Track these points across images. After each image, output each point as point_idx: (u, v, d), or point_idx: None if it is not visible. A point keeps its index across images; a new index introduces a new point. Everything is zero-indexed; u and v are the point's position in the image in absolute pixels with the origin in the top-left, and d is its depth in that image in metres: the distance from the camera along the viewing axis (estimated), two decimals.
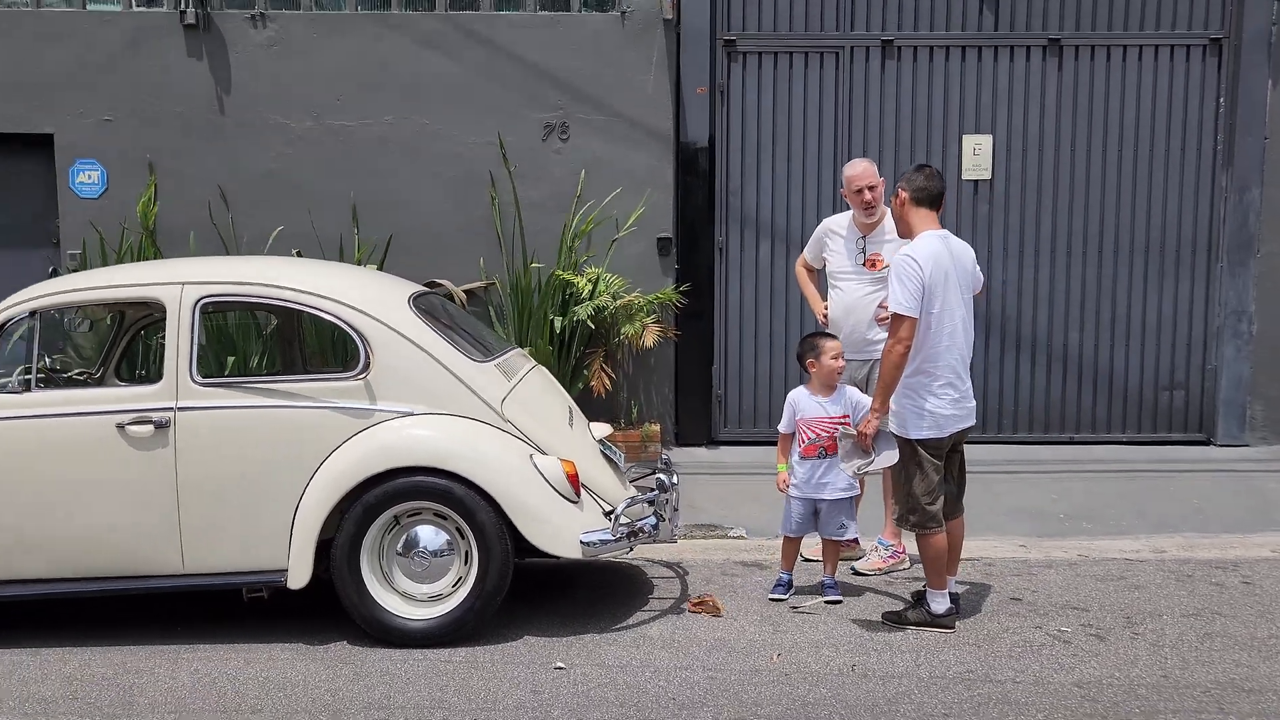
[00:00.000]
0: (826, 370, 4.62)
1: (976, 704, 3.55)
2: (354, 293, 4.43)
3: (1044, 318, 8.01)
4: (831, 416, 4.59)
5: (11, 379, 4.48)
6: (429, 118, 7.71)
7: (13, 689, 3.78)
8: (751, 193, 7.94)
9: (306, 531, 4.15)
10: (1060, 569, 5.13)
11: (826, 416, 4.59)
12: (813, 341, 4.76)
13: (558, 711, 3.53)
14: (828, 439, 4.56)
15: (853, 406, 4.61)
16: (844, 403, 4.64)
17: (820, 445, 4.58)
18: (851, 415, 4.58)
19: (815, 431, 4.60)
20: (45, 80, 7.57)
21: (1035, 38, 7.83)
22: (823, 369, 4.63)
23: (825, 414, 4.60)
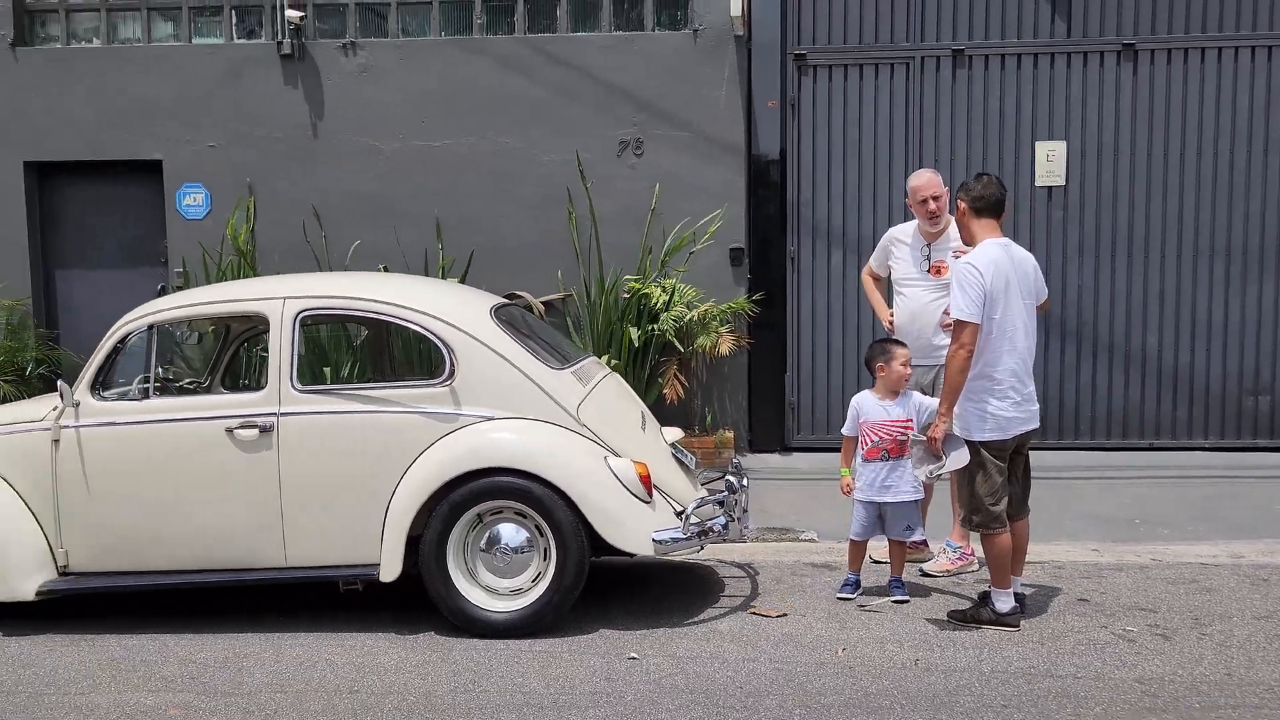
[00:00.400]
0: (895, 376, 4.75)
1: (1036, 697, 3.65)
2: (439, 305, 4.72)
3: (1121, 322, 7.97)
4: (895, 420, 4.72)
5: (132, 387, 4.86)
6: (509, 136, 8.03)
7: (136, 669, 4.14)
8: (823, 203, 8.08)
9: (397, 528, 4.43)
10: (1131, 572, 5.15)
11: (890, 420, 4.72)
12: (884, 347, 4.89)
13: (630, 697, 3.73)
14: (890, 442, 4.69)
15: (917, 410, 4.72)
16: (908, 406, 4.76)
17: (883, 449, 4.71)
18: (916, 419, 4.69)
19: (879, 435, 4.73)
20: (155, 110, 8.11)
21: (1109, 43, 7.82)
22: (892, 374, 4.76)
23: (889, 417, 4.73)
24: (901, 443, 4.64)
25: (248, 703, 3.79)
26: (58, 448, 4.64)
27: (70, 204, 8.47)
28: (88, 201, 8.45)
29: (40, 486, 4.65)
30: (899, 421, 4.71)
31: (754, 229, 8.10)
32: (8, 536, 4.60)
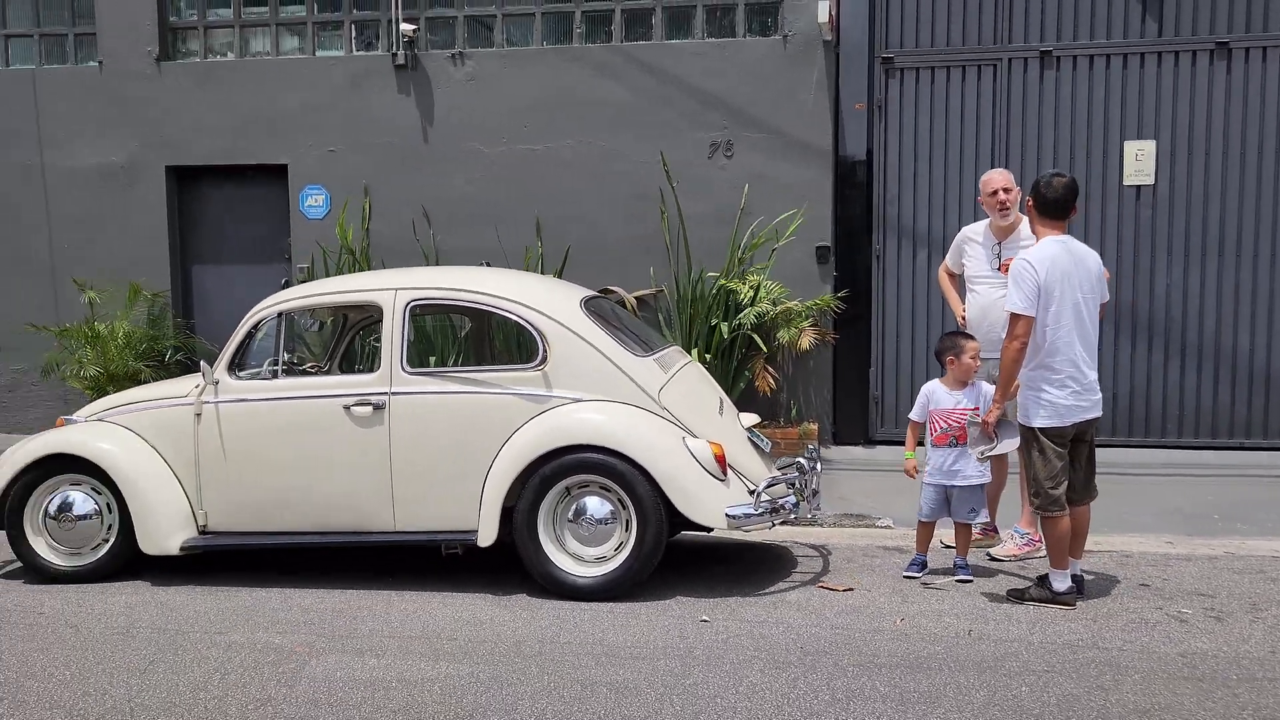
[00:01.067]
0: (964, 367, 5.01)
1: (1078, 665, 3.87)
2: (534, 296, 5.16)
3: (1210, 321, 7.95)
4: (963, 408, 4.96)
5: (263, 368, 5.44)
6: (604, 140, 8.46)
7: (266, 616, 4.68)
8: (908, 203, 8.27)
9: (494, 498, 4.88)
10: (1199, 563, 5.27)
11: (958, 408, 4.97)
12: (954, 340, 5.15)
13: (699, 652, 4.09)
14: (959, 429, 4.94)
15: (983, 398, 4.96)
16: (975, 396, 5.00)
17: (951, 434, 4.96)
18: (981, 407, 4.93)
19: (947, 422, 4.98)
20: (282, 118, 8.80)
21: (1202, 42, 7.82)
22: (961, 366, 5.02)
23: (957, 406, 4.98)
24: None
25: (361, 645, 4.28)
26: (199, 421, 5.23)
27: (206, 205, 9.23)
28: (221, 202, 9.21)
29: (183, 455, 5.25)
30: (967, 410, 4.95)
31: (840, 228, 8.34)
32: (157, 499, 5.21)
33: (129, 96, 8.94)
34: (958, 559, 5.07)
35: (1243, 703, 3.54)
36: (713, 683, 3.77)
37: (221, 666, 4.05)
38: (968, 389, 5.06)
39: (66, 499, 5.29)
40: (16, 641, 4.39)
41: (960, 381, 5.07)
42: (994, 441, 4.63)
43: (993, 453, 4.68)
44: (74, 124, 9.03)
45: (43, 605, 4.89)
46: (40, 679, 3.97)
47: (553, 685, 3.78)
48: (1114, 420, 8.10)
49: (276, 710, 3.63)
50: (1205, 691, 3.62)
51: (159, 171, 8.98)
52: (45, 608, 4.86)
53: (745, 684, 3.76)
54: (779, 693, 3.67)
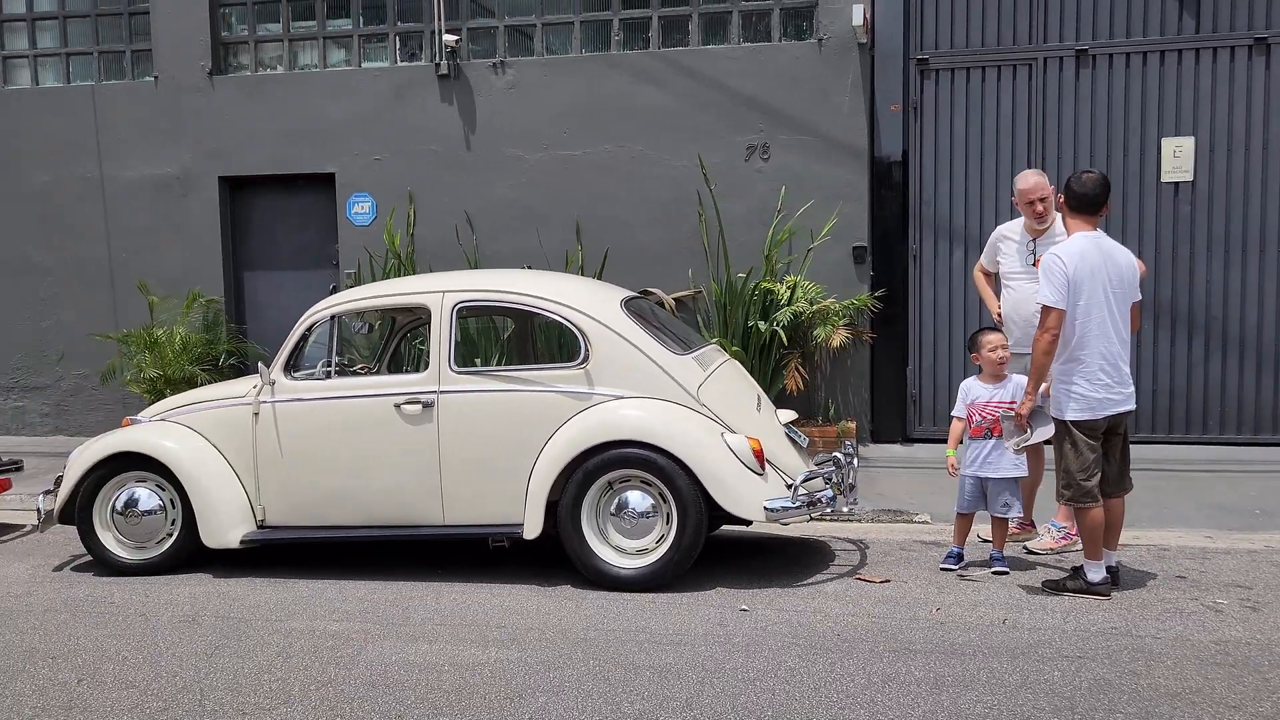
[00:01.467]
0: (987, 361, 5.10)
1: (1111, 651, 3.95)
2: (576, 297, 5.32)
3: (1252, 317, 7.93)
4: (996, 401, 5.05)
5: (316, 369, 5.65)
6: (643, 144, 8.62)
7: (324, 605, 4.89)
8: (944, 202, 8.34)
9: (539, 492, 5.05)
10: (1238, 556, 5.30)
11: (993, 401, 5.06)
12: (975, 337, 5.26)
13: (738, 638, 4.22)
14: (993, 421, 5.03)
15: (1017, 391, 5.04)
16: (1010, 389, 5.09)
17: (986, 427, 5.06)
18: (1016, 399, 5.01)
19: (982, 415, 5.08)
20: (329, 128, 9.06)
21: (1240, 38, 7.82)
22: (984, 360, 5.11)
23: (991, 399, 5.07)
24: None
25: (414, 631, 4.47)
26: (257, 420, 5.46)
27: (256, 213, 9.53)
28: (271, 211, 9.49)
29: (242, 452, 5.48)
30: (1000, 403, 5.04)
31: (876, 228, 8.43)
32: (218, 495, 5.44)
33: (183, 110, 9.26)
34: (994, 552, 5.15)
35: (1273, 686, 3.60)
36: (752, 667, 3.90)
37: (283, 651, 4.25)
38: (1003, 383, 5.14)
39: (133, 495, 5.54)
40: (90, 629, 4.63)
41: (993, 376, 5.16)
42: (1029, 432, 4.72)
43: (1029, 443, 4.77)
44: (131, 137, 9.36)
45: (112, 596, 5.14)
46: (115, 662, 4.19)
47: (598, 669, 3.94)
48: (1154, 416, 8.11)
49: (337, 691, 3.82)
50: (1236, 676, 3.68)
51: (212, 182, 9.29)
52: (115, 598, 5.10)
53: (784, 668, 3.88)
54: (816, 677, 3.79)
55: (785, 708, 3.54)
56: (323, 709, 3.66)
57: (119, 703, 3.77)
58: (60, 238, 9.52)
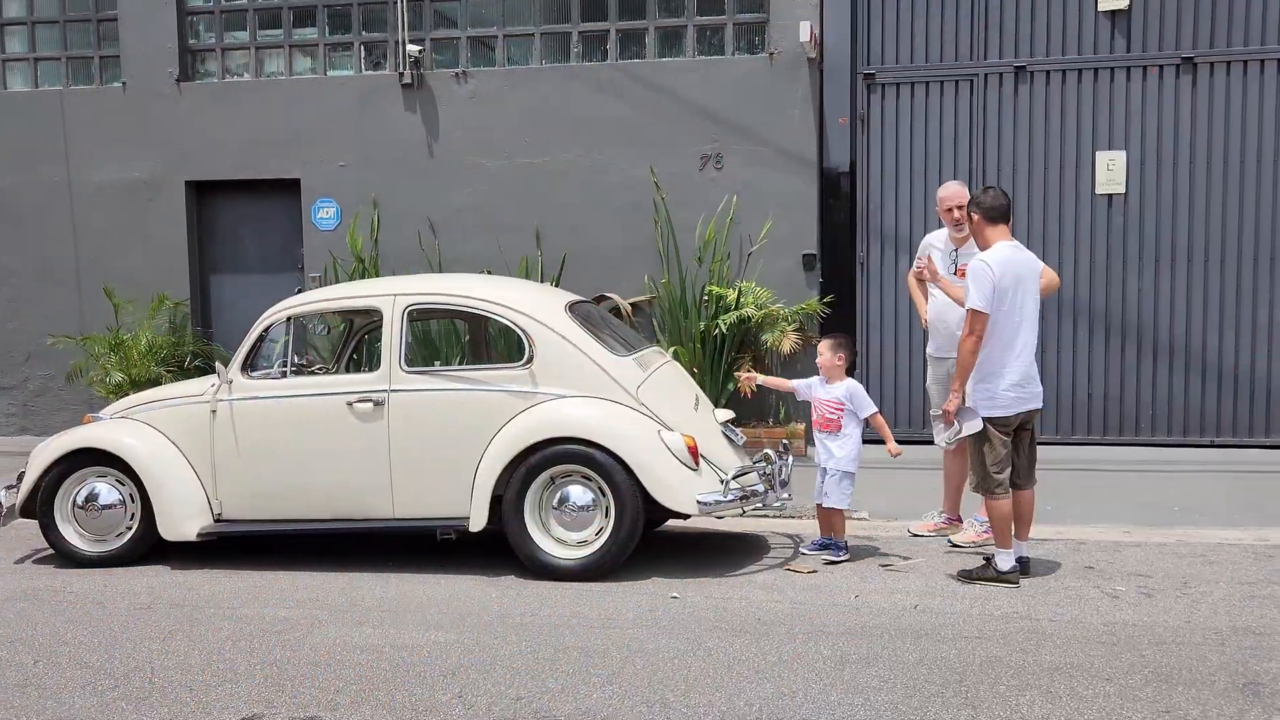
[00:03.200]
0: (821, 363, 5.57)
1: (1008, 632, 4.23)
2: (521, 300, 5.58)
3: (1180, 324, 8.28)
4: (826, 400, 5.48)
5: (273, 368, 5.87)
6: (601, 154, 8.88)
7: (275, 593, 5.11)
8: (891, 212, 8.66)
9: (484, 487, 5.29)
10: (1148, 549, 5.61)
11: (823, 399, 5.49)
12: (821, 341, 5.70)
13: (665, 622, 4.49)
14: (820, 418, 5.47)
15: (846, 394, 5.45)
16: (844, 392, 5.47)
17: (819, 422, 5.49)
18: (847, 404, 5.43)
19: (815, 410, 5.54)
20: (295, 134, 9.27)
21: (1169, 57, 8.18)
22: (821, 361, 5.57)
23: (823, 397, 5.49)
24: (830, 420, 5.40)
25: (360, 616, 4.70)
26: (214, 417, 5.67)
27: (223, 217, 9.72)
28: (237, 215, 9.69)
29: (200, 449, 5.68)
30: (828, 402, 5.46)
31: (825, 236, 8.73)
32: (176, 489, 5.65)
33: (151, 115, 9.45)
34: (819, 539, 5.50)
35: (1146, 660, 3.90)
36: (673, 647, 4.16)
37: (234, 635, 4.47)
38: (834, 385, 5.51)
39: (93, 490, 5.74)
40: (48, 616, 4.83)
41: (827, 376, 5.51)
42: (957, 426, 5.04)
43: (959, 436, 5.08)
44: (99, 142, 9.53)
45: (71, 586, 5.34)
46: (70, 645, 4.40)
47: (529, 649, 4.19)
48: (1089, 419, 8.45)
49: (281, 670, 4.04)
50: (1115, 653, 3.98)
51: (179, 186, 9.48)
52: (74, 588, 5.30)
53: (703, 648, 4.14)
54: (731, 655, 4.06)
55: (698, 682, 3.80)
56: (267, 686, 3.89)
57: (73, 681, 3.98)
58: (27, 240, 9.68)
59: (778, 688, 3.73)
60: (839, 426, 5.43)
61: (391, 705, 3.68)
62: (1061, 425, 8.42)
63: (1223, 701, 3.54)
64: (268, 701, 3.74)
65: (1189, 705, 3.52)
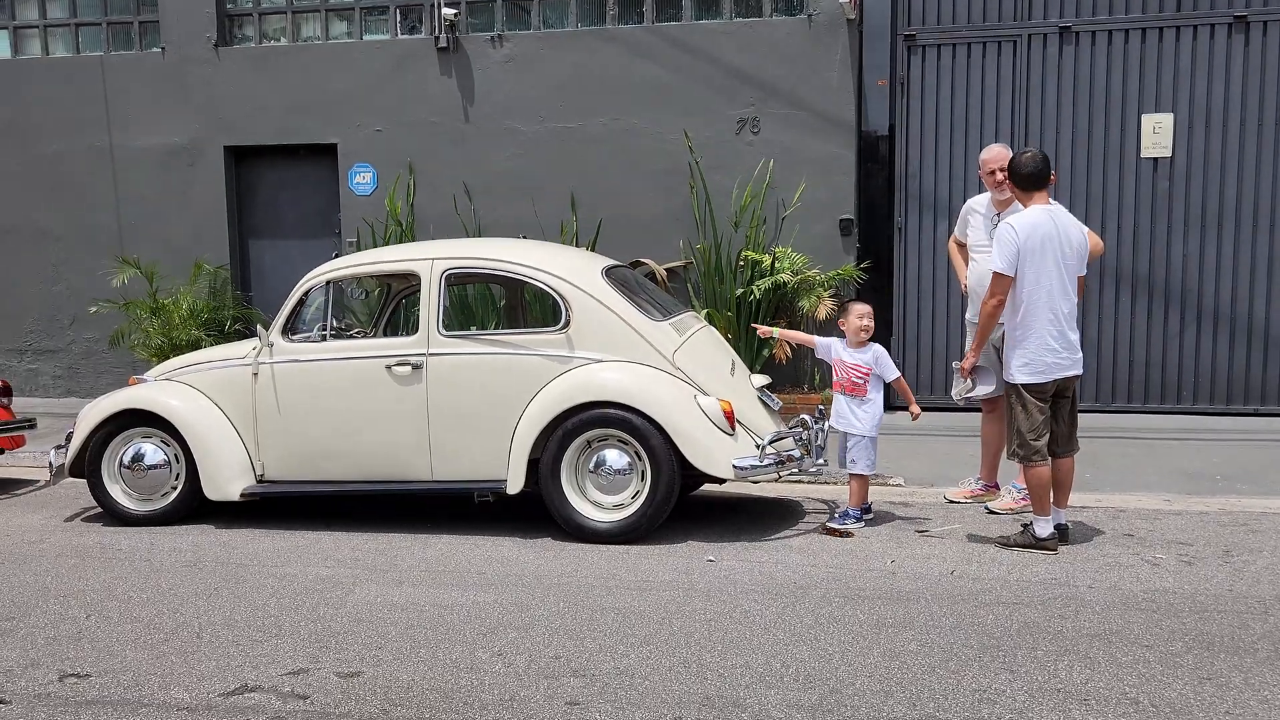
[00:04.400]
0: (850, 328, 5.49)
1: (1046, 599, 4.22)
2: (558, 265, 5.58)
3: (1226, 291, 8.14)
4: (853, 363, 5.43)
5: (313, 332, 5.93)
6: (637, 117, 8.83)
7: (317, 553, 5.20)
8: (930, 176, 8.54)
9: (521, 450, 5.33)
10: (1188, 517, 5.55)
11: (849, 362, 5.44)
12: (845, 304, 5.72)
13: (701, 585, 4.51)
14: (846, 381, 5.42)
15: (874, 359, 5.41)
16: (870, 357, 5.44)
17: (842, 385, 5.45)
18: (874, 368, 5.39)
19: (840, 372, 5.48)
20: (331, 99, 9.30)
21: (1220, 16, 7.97)
22: (848, 326, 5.50)
23: (849, 360, 5.45)
24: (857, 384, 5.37)
25: (400, 576, 4.77)
26: (256, 380, 5.75)
27: (261, 183, 9.79)
28: (275, 180, 9.76)
29: (243, 410, 5.77)
30: (858, 366, 5.42)
31: (863, 201, 8.64)
32: (219, 450, 5.74)
33: (190, 80, 9.51)
34: (847, 508, 5.47)
35: (1186, 628, 3.87)
36: (709, 609, 4.19)
37: (277, 592, 4.56)
38: (863, 350, 5.46)
39: (139, 450, 5.85)
40: (98, 572, 4.95)
41: (856, 343, 5.45)
42: (971, 384, 5.00)
43: (972, 393, 5.05)
44: (139, 107, 9.62)
45: (119, 543, 5.46)
46: (120, 600, 4.51)
47: (566, 610, 4.23)
48: (1130, 386, 8.35)
49: (324, 626, 4.12)
50: (1155, 620, 3.95)
51: (218, 151, 9.55)
52: (122, 545, 5.42)
53: (739, 611, 4.17)
54: (768, 618, 4.08)
55: (735, 644, 3.83)
56: (310, 641, 3.97)
57: (124, 635, 4.09)
58: (71, 205, 9.81)
59: (814, 650, 3.75)
60: (865, 391, 5.41)
61: (433, 662, 3.74)
62: (1102, 392, 8.32)
63: (1265, 670, 3.51)
64: (312, 657, 3.82)
65: (1231, 673, 3.49)
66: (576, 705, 3.37)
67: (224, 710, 3.41)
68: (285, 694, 3.51)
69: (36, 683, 3.66)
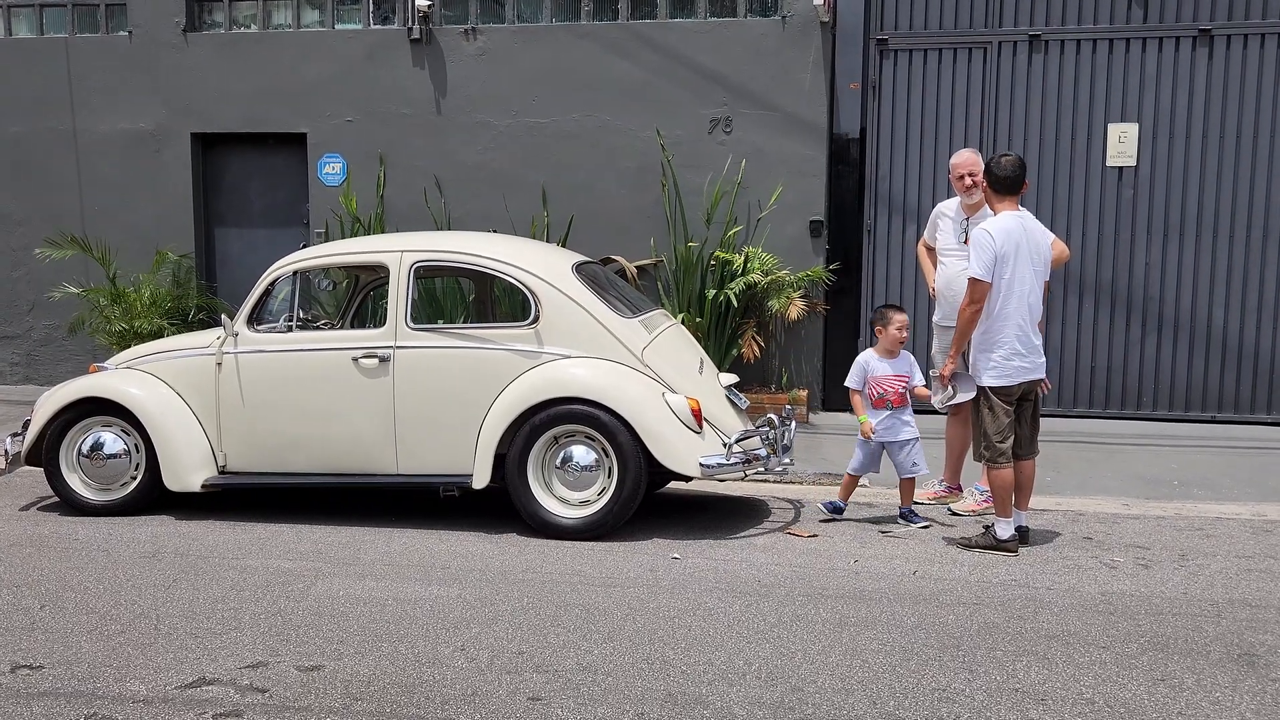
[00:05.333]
0: (890, 338, 5.46)
1: (1006, 599, 4.27)
2: (528, 259, 5.57)
3: (1187, 299, 8.27)
4: (893, 374, 5.40)
5: (279, 323, 5.87)
6: (609, 114, 8.82)
7: (279, 546, 5.15)
8: (899, 179, 8.61)
9: (488, 445, 5.31)
10: (1146, 521, 5.64)
11: (892, 375, 5.41)
12: (883, 312, 5.62)
13: (665, 582, 4.52)
14: (893, 394, 5.37)
15: (910, 366, 5.41)
16: (906, 365, 5.48)
17: (887, 399, 5.41)
18: (911, 374, 5.42)
19: (884, 388, 5.42)
20: (302, 88, 9.20)
21: (1185, 29, 8.09)
22: (888, 336, 5.47)
23: (891, 373, 5.42)
24: (901, 394, 5.33)
25: (363, 570, 4.74)
26: (220, 369, 5.68)
27: (228, 171, 9.67)
28: (243, 169, 9.64)
29: (205, 400, 5.70)
30: (900, 376, 5.45)
31: (833, 202, 8.69)
32: (180, 440, 5.67)
33: (157, 65, 9.37)
34: (903, 509, 5.50)
35: (1142, 630, 3.94)
36: (673, 606, 4.20)
37: (237, 585, 4.51)
38: (898, 359, 5.48)
39: (98, 439, 5.76)
40: (54, 562, 4.88)
41: (890, 351, 5.49)
42: (952, 391, 5.06)
43: (953, 401, 5.11)
44: (105, 91, 9.47)
45: (76, 534, 5.38)
46: (77, 590, 4.44)
47: (530, 605, 4.23)
48: (1091, 392, 8.46)
49: (285, 620, 4.09)
50: (1111, 622, 4.02)
51: (185, 138, 9.42)
52: (79, 535, 5.34)
53: (702, 608, 4.18)
54: (731, 615, 4.10)
55: (698, 641, 3.84)
56: (270, 635, 3.93)
57: (79, 626, 4.03)
58: (33, 189, 9.64)
59: (776, 648, 3.77)
60: (906, 400, 5.44)
61: (395, 656, 3.72)
62: (1064, 397, 8.43)
63: (1218, 671, 3.58)
64: (272, 650, 3.78)
65: (1184, 674, 3.55)
66: (539, 701, 3.36)
67: (181, 703, 3.37)
68: (244, 687, 3.48)
69: None
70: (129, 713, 3.30)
